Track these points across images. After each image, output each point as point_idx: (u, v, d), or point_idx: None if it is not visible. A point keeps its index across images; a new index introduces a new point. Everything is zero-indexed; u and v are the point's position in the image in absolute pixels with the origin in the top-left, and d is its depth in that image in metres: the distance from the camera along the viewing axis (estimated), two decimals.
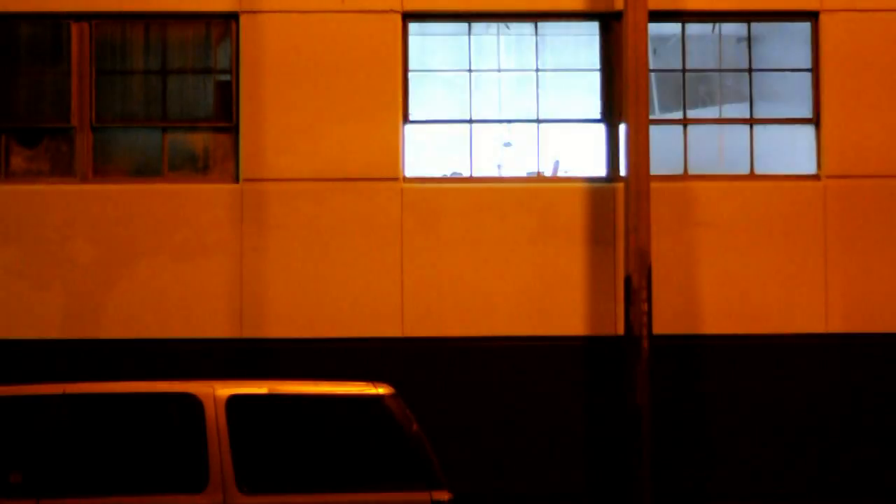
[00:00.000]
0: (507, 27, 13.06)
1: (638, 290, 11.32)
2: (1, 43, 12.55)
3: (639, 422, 11.25)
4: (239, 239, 12.22)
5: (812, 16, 12.60)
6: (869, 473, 12.20)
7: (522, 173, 13.08)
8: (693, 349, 12.23)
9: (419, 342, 12.15)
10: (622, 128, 12.11)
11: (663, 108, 13.18)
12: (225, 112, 12.48)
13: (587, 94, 12.73)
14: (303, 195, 12.24)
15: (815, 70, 12.58)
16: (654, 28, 12.33)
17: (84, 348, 12.03)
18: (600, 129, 12.64)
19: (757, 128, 12.64)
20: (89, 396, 8.48)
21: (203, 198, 12.27)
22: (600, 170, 12.60)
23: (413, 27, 12.59)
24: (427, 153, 13.20)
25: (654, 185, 11.71)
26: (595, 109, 12.63)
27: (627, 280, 11.42)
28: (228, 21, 12.50)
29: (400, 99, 12.42)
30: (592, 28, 12.69)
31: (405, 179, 12.39)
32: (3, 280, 12.12)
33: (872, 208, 12.38)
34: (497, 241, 12.27)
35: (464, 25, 12.70)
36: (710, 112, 13.20)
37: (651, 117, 11.75)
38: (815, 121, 12.56)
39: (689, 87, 12.80)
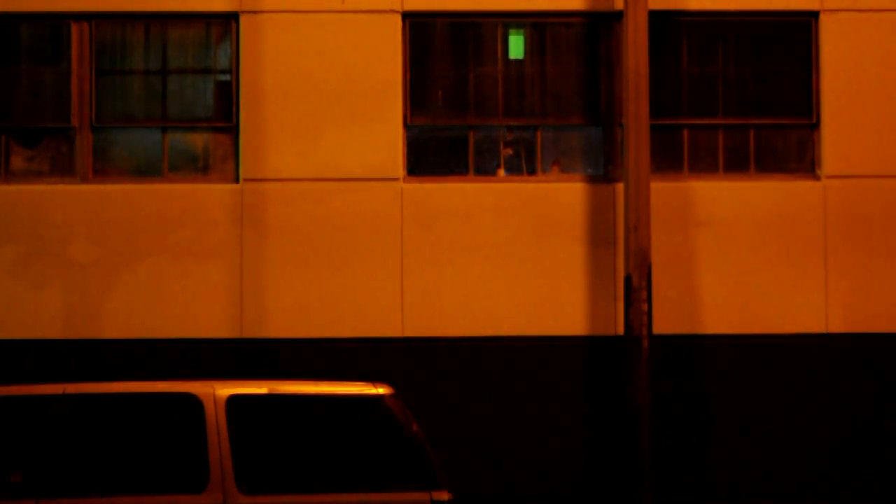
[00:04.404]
0: (508, 27, 13.05)
1: (638, 290, 11.32)
2: (1, 43, 12.56)
3: (639, 422, 11.25)
4: (239, 239, 12.22)
5: (812, 16, 12.61)
6: (869, 473, 12.19)
7: (522, 173, 13.07)
8: (693, 349, 12.23)
9: (419, 342, 12.15)
10: (622, 128, 12.11)
11: (663, 109, 13.16)
12: (225, 112, 12.48)
13: (587, 94, 12.73)
14: (303, 195, 12.24)
15: (815, 70, 12.59)
16: (655, 28, 12.32)
17: (84, 348, 12.03)
18: (600, 129, 12.64)
19: (757, 128, 12.63)
20: (89, 396, 8.48)
21: (203, 198, 12.27)
22: (600, 169, 12.60)
23: (413, 27, 12.59)
24: (427, 153, 13.18)
25: (654, 185, 11.71)
26: (595, 109, 12.63)
27: (627, 280, 11.42)
28: (228, 21, 12.50)
29: (400, 99, 12.42)
30: (592, 28, 12.69)
31: (405, 179, 12.40)
32: (3, 280, 12.12)
33: (872, 208, 12.38)
34: (497, 240, 12.27)
35: (464, 25, 12.70)
36: (709, 113, 13.18)
37: (651, 118, 11.74)
38: (815, 121, 12.57)
39: (689, 87, 12.79)
